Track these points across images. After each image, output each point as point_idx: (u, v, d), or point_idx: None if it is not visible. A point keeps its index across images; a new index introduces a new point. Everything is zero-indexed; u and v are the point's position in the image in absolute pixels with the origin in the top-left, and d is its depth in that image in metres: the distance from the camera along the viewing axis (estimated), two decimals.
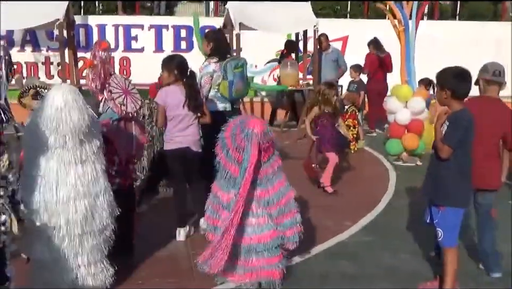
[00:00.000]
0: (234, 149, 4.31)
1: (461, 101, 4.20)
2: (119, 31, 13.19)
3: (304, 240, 5.56)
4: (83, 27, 12.88)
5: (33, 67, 12.95)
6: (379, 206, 6.84)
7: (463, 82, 4.18)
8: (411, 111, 8.68)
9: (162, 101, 5.51)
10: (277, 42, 13.18)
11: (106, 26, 13.17)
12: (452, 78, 4.19)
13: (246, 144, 4.23)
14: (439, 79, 4.31)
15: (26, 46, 12.89)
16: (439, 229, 4.33)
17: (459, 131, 4.11)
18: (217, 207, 4.58)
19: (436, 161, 4.29)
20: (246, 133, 4.22)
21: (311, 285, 4.78)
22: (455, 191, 4.25)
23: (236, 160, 4.35)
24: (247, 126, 4.25)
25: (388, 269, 5.09)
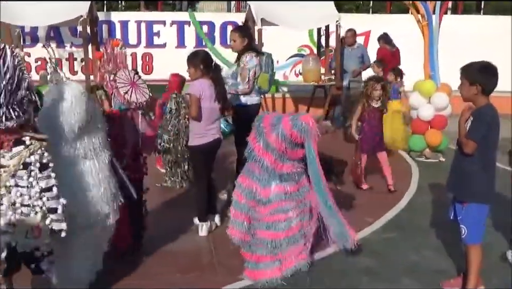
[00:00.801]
0: (280, 138, 4.34)
1: (487, 96, 4.13)
2: (142, 27, 13.24)
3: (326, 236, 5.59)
4: (106, 23, 12.95)
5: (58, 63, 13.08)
6: (401, 203, 6.79)
7: (493, 78, 4.11)
8: (434, 106, 8.58)
9: (198, 91, 5.50)
10: (299, 38, 13.17)
11: (129, 23, 13.22)
12: (482, 73, 4.10)
13: (306, 139, 4.34)
14: (467, 74, 4.16)
15: (51, 42, 12.99)
16: (463, 226, 4.27)
17: (483, 127, 4.05)
18: (253, 203, 4.59)
19: (460, 157, 4.23)
20: (302, 128, 4.29)
21: (332, 281, 4.76)
22: (480, 187, 4.18)
23: (277, 151, 4.40)
24: (300, 120, 4.33)
25: (410, 265, 5.06)
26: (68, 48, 13.03)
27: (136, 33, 13.16)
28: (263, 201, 4.55)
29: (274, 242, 4.54)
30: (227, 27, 13.20)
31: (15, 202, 3.45)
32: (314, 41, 13.07)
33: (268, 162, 4.47)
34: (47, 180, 3.52)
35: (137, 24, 13.22)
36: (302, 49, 13.54)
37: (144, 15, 13.72)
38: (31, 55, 12.74)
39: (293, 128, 4.30)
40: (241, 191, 4.66)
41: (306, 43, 13.48)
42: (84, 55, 10.79)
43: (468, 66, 4.18)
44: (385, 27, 12.25)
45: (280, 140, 4.34)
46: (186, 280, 4.71)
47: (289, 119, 4.38)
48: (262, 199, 4.55)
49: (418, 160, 8.81)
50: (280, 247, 4.56)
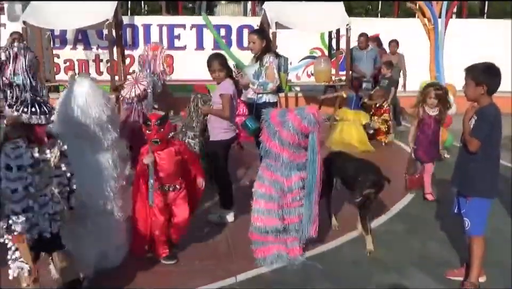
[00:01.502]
0: (293, 133, 4.44)
1: (490, 96, 4.10)
2: (163, 31, 13.29)
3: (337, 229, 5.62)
4: (130, 27, 13.02)
5: (84, 64, 13.15)
6: (408, 197, 6.76)
7: (497, 78, 4.08)
8: None
9: (231, 90, 5.61)
10: (311, 41, 13.15)
11: (151, 26, 13.27)
12: (487, 73, 4.06)
13: (311, 130, 4.43)
14: (473, 75, 4.10)
15: (78, 44, 13.10)
16: (466, 219, 4.27)
17: (487, 126, 4.02)
18: (281, 193, 4.69)
19: (465, 154, 4.21)
20: (310, 120, 4.40)
21: (344, 270, 4.76)
22: (482, 182, 4.17)
23: (292, 145, 4.50)
24: (307, 113, 4.43)
25: (417, 256, 5.05)
26: (94, 50, 13.13)
27: (158, 36, 13.20)
28: (286, 190, 4.68)
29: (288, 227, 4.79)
30: (243, 30, 13.23)
31: (54, 192, 3.57)
32: (325, 44, 13.05)
33: (286, 157, 4.57)
34: (70, 166, 3.65)
35: (159, 27, 13.28)
36: (313, 52, 13.53)
37: (166, 19, 13.76)
38: (60, 57, 12.86)
39: (302, 121, 4.40)
40: (268, 183, 4.71)
41: (318, 46, 13.46)
42: (109, 57, 10.85)
43: (473, 67, 4.14)
44: (393, 31, 12.21)
45: (292, 134, 4.45)
46: (204, 267, 4.75)
47: (296, 113, 4.47)
48: (285, 188, 4.68)
49: None
50: (291, 232, 4.81)
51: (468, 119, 4.13)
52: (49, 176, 3.55)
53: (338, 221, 5.75)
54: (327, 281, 4.54)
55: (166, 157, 4.55)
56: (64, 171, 3.64)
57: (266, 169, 4.74)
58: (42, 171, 3.50)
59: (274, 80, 6.26)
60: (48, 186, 3.54)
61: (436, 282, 4.53)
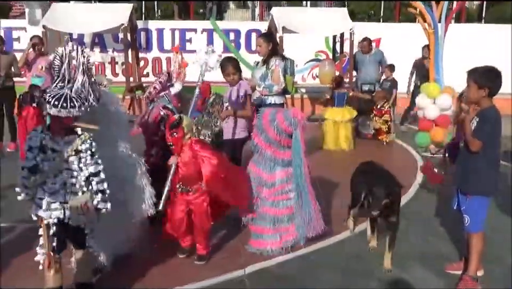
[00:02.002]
0: (276, 133, 4.65)
1: (491, 98, 4.05)
2: (176, 34, 13.30)
3: (338, 222, 5.57)
4: (144, 31, 13.04)
5: (101, 67, 13.18)
6: (408, 193, 6.72)
7: (499, 81, 4.03)
8: (439, 107, 8.47)
9: (250, 91, 5.71)
10: (316, 44, 13.10)
11: (164, 30, 13.29)
12: (489, 76, 4.01)
13: (294, 130, 4.60)
14: (475, 77, 4.05)
15: (95, 47, 13.14)
16: (466, 215, 4.22)
17: (488, 127, 3.98)
18: (260, 187, 4.88)
19: (466, 153, 4.15)
20: (292, 122, 4.59)
21: (347, 263, 4.73)
22: (482, 181, 4.12)
23: (277, 143, 4.70)
24: (291, 115, 4.63)
25: (417, 250, 5.02)
26: (110, 53, 13.18)
27: (170, 40, 13.21)
28: (269, 184, 4.85)
29: (277, 217, 4.85)
30: (251, 34, 13.22)
31: (66, 182, 3.59)
32: (330, 47, 13.01)
33: (270, 153, 4.78)
34: (95, 166, 3.62)
35: (171, 31, 13.29)
36: (318, 55, 13.50)
37: (178, 24, 13.78)
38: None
39: (285, 122, 4.60)
40: (253, 177, 4.90)
41: (322, 49, 13.43)
42: (125, 59, 10.87)
43: (476, 70, 4.08)
44: (394, 35, 12.15)
45: (276, 133, 4.66)
46: (214, 260, 4.74)
47: (283, 115, 4.67)
48: (267, 183, 4.85)
49: (424, 155, 8.71)
50: (282, 222, 4.86)
51: (469, 121, 4.08)
52: (58, 168, 3.59)
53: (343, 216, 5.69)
54: (331, 273, 4.52)
55: (186, 159, 4.47)
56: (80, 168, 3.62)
57: (253, 164, 4.94)
58: (50, 160, 3.57)
59: (279, 83, 6.21)
60: (57, 177, 3.60)
61: (435, 275, 4.49)
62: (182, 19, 14.74)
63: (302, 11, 12.43)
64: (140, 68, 11.76)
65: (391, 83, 10.03)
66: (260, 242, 4.90)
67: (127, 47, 10.65)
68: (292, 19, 10.88)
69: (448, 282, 4.36)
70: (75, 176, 3.64)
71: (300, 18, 11.18)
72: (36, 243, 3.69)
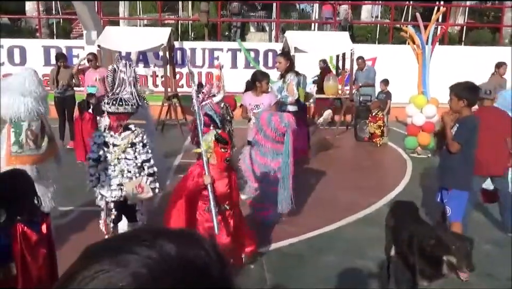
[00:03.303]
0: (273, 131, 4.81)
1: (470, 108, 3.99)
2: (205, 53, 13.31)
3: (339, 211, 5.53)
4: (180, 50, 13.07)
5: (144, 79, 13.25)
6: (398, 187, 6.64)
7: (475, 94, 3.99)
8: (425, 115, 8.38)
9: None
10: None
11: (196, 49, 13.31)
12: (468, 90, 3.98)
13: (287, 129, 4.77)
14: (456, 91, 4.02)
15: (139, 63, 13.21)
16: (448, 207, 4.17)
17: (466, 132, 3.92)
18: (267, 174, 5.00)
19: (447, 154, 4.10)
20: (286, 123, 4.77)
21: (344, 246, 4.69)
22: (461, 177, 4.07)
23: (272, 138, 4.88)
24: (285, 118, 4.83)
25: None
26: (152, 68, 13.22)
27: (201, 57, 13.24)
28: (275, 169, 4.95)
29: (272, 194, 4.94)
30: (268, 53, 13.17)
31: (123, 169, 3.88)
32: (333, 65, 12.87)
33: (269, 146, 4.95)
34: (146, 154, 3.91)
35: (202, 50, 13.31)
36: None
37: (207, 44, 13.78)
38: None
39: (281, 124, 4.78)
40: (257, 165, 5.06)
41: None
42: (164, 73, 10.90)
43: (456, 85, 4.06)
44: (388, 55, 12.02)
45: (273, 131, 4.85)
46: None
47: (278, 117, 4.86)
48: (274, 168, 4.97)
49: (412, 156, 8.60)
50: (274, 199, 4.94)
51: (450, 127, 4.02)
52: (117, 158, 3.85)
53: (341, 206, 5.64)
54: (332, 255, 4.48)
55: (220, 178, 3.74)
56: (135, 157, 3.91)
57: (259, 156, 5.05)
58: (111, 152, 3.86)
59: (293, 95, 6.21)
60: (116, 165, 3.87)
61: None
62: (210, 40, 14.75)
63: (311, 35, 12.37)
64: (176, 80, 11.79)
65: (386, 95, 9.94)
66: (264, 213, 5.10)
67: (165, 63, 10.68)
68: (302, 41, 10.82)
69: None
70: (130, 164, 3.88)
71: (309, 40, 11.14)
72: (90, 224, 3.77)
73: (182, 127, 9.95)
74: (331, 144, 9.37)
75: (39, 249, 2.61)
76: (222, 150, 3.63)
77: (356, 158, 8.81)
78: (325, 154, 8.63)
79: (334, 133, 10.40)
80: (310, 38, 11.47)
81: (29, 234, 2.56)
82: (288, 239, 4.77)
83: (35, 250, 2.58)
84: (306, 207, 5.70)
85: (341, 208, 5.64)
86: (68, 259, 0.64)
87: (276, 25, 15.92)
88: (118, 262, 0.58)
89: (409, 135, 8.72)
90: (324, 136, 9.99)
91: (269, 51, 13.24)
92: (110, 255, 0.59)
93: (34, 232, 2.59)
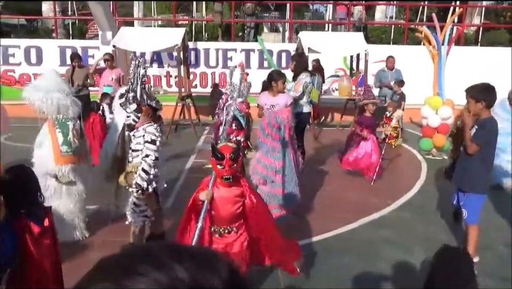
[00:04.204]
0: (269, 127, 4.90)
1: (489, 109, 3.94)
2: (219, 53, 13.33)
3: (354, 213, 5.50)
4: (193, 50, 13.10)
5: (158, 79, 13.32)
6: (413, 189, 6.58)
7: (493, 94, 3.92)
8: (440, 117, 8.29)
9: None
10: (335, 63, 12.96)
11: (210, 50, 13.34)
12: (485, 91, 3.92)
13: (281, 125, 4.85)
14: (472, 93, 3.95)
15: (154, 63, 13.28)
16: (464, 210, 4.11)
17: (486, 134, 3.87)
18: (273, 173, 4.92)
19: (465, 156, 4.05)
20: (278, 119, 4.88)
21: (359, 248, 4.66)
22: (479, 181, 4.01)
23: (270, 135, 4.92)
24: (279, 114, 4.94)
25: (421, 238, 4.90)
26: (166, 68, 13.28)
27: (215, 58, 13.26)
28: (280, 170, 4.92)
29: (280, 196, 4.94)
30: (282, 54, 13.16)
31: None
32: (347, 65, 12.83)
33: (268, 143, 4.94)
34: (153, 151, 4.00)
35: (216, 51, 13.32)
36: (338, 71, 13.29)
37: (221, 44, 13.80)
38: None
39: (274, 120, 4.87)
40: (262, 165, 5.00)
41: (341, 67, 13.24)
42: (178, 73, 10.95)
43: (472, 88, 3.99)
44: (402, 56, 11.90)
45: (270, 128, 4.91)
46: None
47: (274, 114, 4.99)
48: (278, 168, 4.92)
49: (427, 158, 8.53)
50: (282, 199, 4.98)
51: (468, 128, 3.97)
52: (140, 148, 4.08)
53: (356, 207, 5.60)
54: (346, 256, 4.45)
55: (227, 196, 3.19)
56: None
57: (263, 156, 5.01)
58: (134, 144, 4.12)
59: (297, 92, 6.26)
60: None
61: None
62: (224, 41, 14.79)
63: (324, 35, 12.33)
64: (190, 81, 11.83)
65: (400, 96, 9.85)
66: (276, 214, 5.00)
67: (179, 63, 10.73)
68: (316, 42, 10.78)
69: None
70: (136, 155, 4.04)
71: (322, 40, 11.08)
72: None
73: (196, 127, 9.98)
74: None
75: (43, 241, 2.78)
76: (218, 167, 3.07)
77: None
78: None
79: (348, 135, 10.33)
80: (324, 39, 11.42)
81: (32, 227, 2.72)
82: (303, 240, 4.75)
83: (39, 242, 2.75)
84: (321, 208, 5.68)
85: (355, 210, 5.61)
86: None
87: (289, 26, 15.90)
88: (123, 283, 0.56)
89: (424, 137, 8.64)
90: (337, 137, 9.94)
91: (282, 51, 13.22)
92: (118, 274, 0.58)
93: (38, 225, 2.75)
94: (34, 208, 2.80)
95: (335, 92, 12.81)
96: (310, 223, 5.19)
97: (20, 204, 2.75)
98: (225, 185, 3.14)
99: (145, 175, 3.91)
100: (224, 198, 3.16)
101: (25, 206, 2.76)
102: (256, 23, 15.78)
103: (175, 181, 6.49)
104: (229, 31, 15.40)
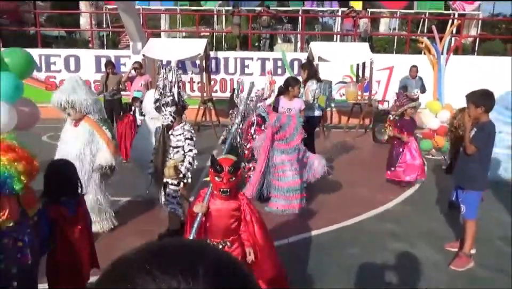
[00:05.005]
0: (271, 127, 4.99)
1: (488, 114, 3.85)
2: (237, 62, 13.34)
3: (360, 207, 5.43)
4: (214, 59, 13.13)
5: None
6: (415, 186, 6.47)
7: (492, 100, 3.83)
8: (440, 120, 8.16)
9: None
10: (343, 70, 12.86)
11: (229, 58, 13.35)
12: (484, 97, 3.83)
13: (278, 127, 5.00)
14: (472, 99, 3.86)
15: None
16: (463, 205, 4.03)
17: (485, 137, 3.78)
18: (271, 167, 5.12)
19: (464, 156, 3.97)
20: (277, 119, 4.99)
21: (364, 239, 4.60)
22: (477, 179, 3.92)
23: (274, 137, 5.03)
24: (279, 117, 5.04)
25: (422, 231, 4.83)
26: (189, 75, 13.33)
27: (233, 65, 13.27)
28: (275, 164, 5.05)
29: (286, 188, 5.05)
30: (294, 62, 13.11)
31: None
32: (354, 73, 12.71)
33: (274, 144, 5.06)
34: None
35: (234, 59, 13.33)
36: (345, 78, 13.19)
37: (239, 54, 13.80)
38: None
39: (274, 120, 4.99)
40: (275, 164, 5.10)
41: (348, 74, 13.13)
42: (200, 79, 11.00)
43: (472, 93, 3.90)
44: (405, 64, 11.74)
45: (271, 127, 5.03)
46: None
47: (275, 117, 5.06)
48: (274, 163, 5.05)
49: (427, 157, 8.39)
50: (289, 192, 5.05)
51: (468, 131, 3.89)
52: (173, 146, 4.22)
53: (362, 202, 5.54)
54: (354, 247, 4.40)
55: (223, 209, 2.82)
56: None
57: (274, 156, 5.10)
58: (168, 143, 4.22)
59: (308, 98, 6.33)
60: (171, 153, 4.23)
61: (436, 252, 4.31)
62: (242, 50, 14.78)
63: (333, 45, 12.22)
64: (211, 86, 11.85)
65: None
66: (274, 204, 5.10)
67: (201, 70, 10.76)
68: (326, 51, 10.71)
69: (446, 257, 4.17)
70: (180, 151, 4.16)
71: (331, 50, 11.02)
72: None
73: (216, 128, 10.00)
74: (351, 146, 9.24)
75: (77, 227, 2.85)
76: (216, 179, 2.73)
77: (374, 158, 8.64)
78: (346, 155, 8.51)
79: (353, 135, 10.26)
80: (333, 48, 11.34)
81: (67, 215, 2.80)
82: (314, 230, 4.73)
83: (73, 228, 2.83)
84: (330, 202, 5.64)
85: (362, 204, 5.55)
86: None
87: (301, 37, 15.83)
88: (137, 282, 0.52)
89: (425, 138, 8.51)
90: (344, 138, 9.88)
91: (294, 60, 13.17)
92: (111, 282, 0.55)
93: (72, 212, 2.84)
94: (70, 198, 2.86)
95: (342, 97, 12.71)
96: (320, 215, 5.16)
97: (58, 194, 2.81)
98: (222, 198, 2.78)
99: (190, 166, 4.11)
100: (220, 211, 2.80)
101: (63, 196, 2.82)
102: (271, 34, 15.75)
103: (197, 178, 6.48)
104: (246, 41, 15.39)
